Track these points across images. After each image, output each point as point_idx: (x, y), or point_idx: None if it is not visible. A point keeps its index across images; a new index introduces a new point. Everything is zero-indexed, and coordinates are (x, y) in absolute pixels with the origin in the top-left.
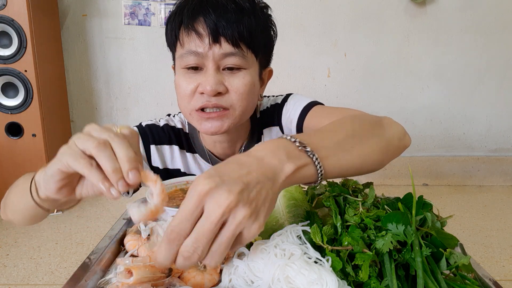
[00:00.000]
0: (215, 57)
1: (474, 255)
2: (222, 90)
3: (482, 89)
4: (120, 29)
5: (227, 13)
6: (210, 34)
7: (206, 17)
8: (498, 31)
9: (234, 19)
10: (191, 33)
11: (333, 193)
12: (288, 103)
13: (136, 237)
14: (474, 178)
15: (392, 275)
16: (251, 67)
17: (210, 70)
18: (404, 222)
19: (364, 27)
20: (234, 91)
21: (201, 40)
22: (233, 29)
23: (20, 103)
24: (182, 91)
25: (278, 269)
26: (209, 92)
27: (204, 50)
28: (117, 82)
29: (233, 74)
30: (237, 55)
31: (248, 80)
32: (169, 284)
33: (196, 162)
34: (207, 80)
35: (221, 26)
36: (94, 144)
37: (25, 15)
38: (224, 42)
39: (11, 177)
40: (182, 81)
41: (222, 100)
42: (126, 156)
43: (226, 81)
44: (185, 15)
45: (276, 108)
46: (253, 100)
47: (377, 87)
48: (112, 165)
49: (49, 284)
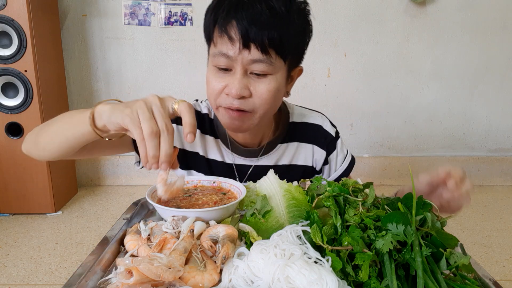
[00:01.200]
0: (243, 62)
1: (474, 255)
2: (246, 95)
3: (482, 89)
4: (120, 29)
5: (260, 18)
6: (241, 39)
7: (239, 22)
8: (498, 31)
9: (266, 25)
10: (224, 36)
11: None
12: (339, 153)
13: (136, 237)
14: (474, 178)
15: (392, 275)
16: (277, 72)
17: (238, 74)
18: (404, 222)
19: (364, 27)
20: (258, 96)
21: (232, 44)
22: (264, 35)
23: (20, 103)
24: (210, 87)
25: (278, 269)
26: (234, 95)
27: (234, 54)
28: (117, 82)
29: (259, 79)
30: (265, 61)
31: (272, 86)
32: (169, 284)
33: (217, 146)
34: (234, 84)
35: (252, 32)
36: (148, 131)
37: (25, 15)
38: (254, 48)
39: (11, 177)
40: (211, 79)
41: (245, 103)
42: (165, 152)
43: (252, 85)
44: (220, 15)
45: (321, 134)
46: (276, 103)
47: (377, 87)
48: (153, 153)
49: (49, 284)
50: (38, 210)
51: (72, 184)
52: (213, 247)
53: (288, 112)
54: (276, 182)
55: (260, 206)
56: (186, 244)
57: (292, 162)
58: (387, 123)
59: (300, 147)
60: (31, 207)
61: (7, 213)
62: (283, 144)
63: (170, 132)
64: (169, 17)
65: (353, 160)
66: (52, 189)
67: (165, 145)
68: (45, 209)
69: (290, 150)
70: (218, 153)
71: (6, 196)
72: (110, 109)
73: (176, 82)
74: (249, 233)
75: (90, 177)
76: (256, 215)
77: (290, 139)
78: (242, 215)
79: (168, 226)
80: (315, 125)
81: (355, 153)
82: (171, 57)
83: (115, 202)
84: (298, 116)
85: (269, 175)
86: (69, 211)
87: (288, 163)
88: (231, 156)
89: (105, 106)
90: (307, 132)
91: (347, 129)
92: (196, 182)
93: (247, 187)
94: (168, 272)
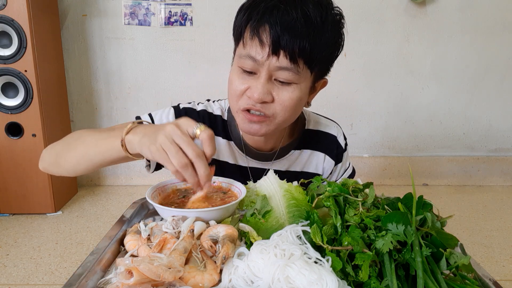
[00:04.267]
0: (270, 68)
1: (474, 255)
2: (268, 100)
3: (482, 89)
4: (120, 29)
5: (294, 26)
6: (271, 45)
7: (272, 27)
8: (498, 31)
9: (299, 34)
10: (254, 38)
11: (333, 193)
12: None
13: (136, 237)
14: (474, 178)
15: (392, 275)
16: (302, 82)
17: (262, 78)
18: (404, 222)
19: (364, 27)
20: (280, 103)
21: (262, 48)
22: (295, 44)
23: (20, 103)
24: (233, 88)
25: (278, 269)
26: (256, 99)
27: (262, 59)
28: (117, 82)
29: (282, 86)
30: (292, 70)
31: (296, 95)
32: (169, 284)
33: (230, 148)
34: (257, 88)
35: (284, 39)
36: (180, 165)
37: (25, 15)
38: (283, 55)
39: (11, 177)
40: (235, 79)
41: (266, 107)
42: (203, 175)
43: (275, 91)
44: (254, 17)
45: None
46: (297, 112)
47: (377, 87)
48: (192, 181)
49: (49, 284)
50: (38, 210)
51: (72, 184)
52: (213, 247)
53: (305, 119)
54: (276, 182)
55: (260, 206)
56: (186, 244)
57: (304, 169)
58: (387, 123)
59: (313, 155)
60: (31, 207)
61: (7, 213)
62: (296, 150)
63: (201, 157)
64: (169, 17)
65: (353, 173)
66: (52, 189)
67: (201, 170)
68: (45, 209)
69: (303, 157)
70: (230, 156)
71: (6, 196)
72: (138, 143)
73: (176, 82)
74: (249, 233)
75: (90, 177)
76: (256, 215)
77: (304, 146)
78: (242, 215)
79: (168, 226)
80: (330, 135)
81: (355, 153)
82: (171, 57)
83: (115, 202)
84: (314, 124)
85: (269, 175)
86: (69, 211)
87: (299, 169)
88: (245, 159)
89: (134, 137)
90: (321, 140)
91: (347, 129)
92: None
93: (247, 187)
94: (168, 272)
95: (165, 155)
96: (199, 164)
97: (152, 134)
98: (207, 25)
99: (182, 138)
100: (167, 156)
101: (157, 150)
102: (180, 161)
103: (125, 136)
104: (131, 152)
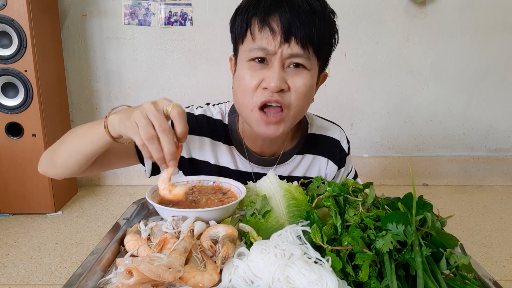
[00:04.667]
0: (283, 56)
1: (474, 255)
2: (285, 88)
3: (482, 89)
4: (120, 29)
5: (302, 14)
6: (283, 32)
7: (282, 15)
8: (498, 31)
9: (307, 21)
10: (265, 29)
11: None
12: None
13: (136, 237)
14: (474, 178)
15: (392, 275)
16: (312, 70)
17: (276, 67)
18: (404, 222)
19: (364, 27)
20: (295, 90)
21: (274, 36)
22: (305, 30)
23: (20, 103)
24: (246, 84)
25: (278, 269)
26: (273, 88)
27: (274, 48)
28: (117, 82)
29: (297, 72)
30: (303, 56)
31: (308, 81)
32: (169, 284)
33: (231, 154)
34: (272, 77)
35: (294, 26)
36: (146, 136)
37: (25, 15)
38: (294, 42)
39: (11, 177)
40: (246, 74)
41: (283, 97)
42: (167, 151)
43: (289, 79)
44: (261, 10)
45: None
46: (308, 103)
47: (377, 87)
48: (157, 156)
49: (49, 284)
50: (38, 210)
51: (72, 184)
52: (213, 247)
53: (307, 122)
54: (276, 182)
55: (260, 206)
56: (186, 244)
57: (306, 174)
58: (387, 123)
59: (316, 160)
60: (31, 207)
61: (7, 213)
62: (299, 155)
63: (167, 132)
64: (169, 17)
65: (355, 176)
66: (52, 189)
67: (166, 145)
68: (45, 209)
69: (305, 162)
70: (231, 161)
71: (6, 196)
72: (117, 121)
73: (176, 82)
74: (249, 233)
75: (90, 177)
76: (256, 215)
77: (306, 150)
78: (242, 215)
79: (168, 226)
80: (334, 139)
81: (355, 153)
82: (171, 57)
83: (115, 202)
84: (317, 128)
85: (269, 175)
86: (69, 211)
87: (302, 174)
88: (248, 165)
89: (114, 117)
90: (324, 145)
91: (347, 129)
92: (196, 182)
93: (247, 187)
94: (168, 272)
95: (136, 128)
96: (164, 139)
97: (130, 112)
98: (207, 25)
99: (153, 113)
100: (138, 129)
101: (130, 124)
102: (146, 132)
103: (108, 118)
104: (113, 134)
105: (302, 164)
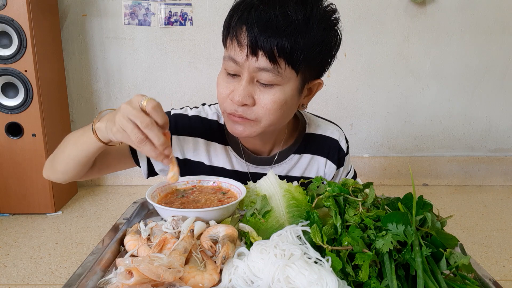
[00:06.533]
0: (250, 69)
1: (474, 255)
2: (249, 103)
3: (482, 89)
4: (120, 29)
5: (272, 25)
6: (249, 46)
7: (249, 28)
8: (498, 31)
9: (277, 33)
10: (234, 40)
11: (333, 193)
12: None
13: (136, 237)
14: (474, 178)
15: (392, 275)
16: (286, 83)
17: (243, 81)
18: (404, 222)
19: (364, 27)
20: (262, 106)
21: (241, 49)
22: (273, 43)
23: (20, 103)
24: (219, 91)
25: (278, 269)
26: (236, 102)
27: (241, 60)
28: (117, 82)
29: (264, 89)
30: (272, 71)
31: (278, 97)
32: (169, 285)
33: (227, 154)
34: (238, 91)
35: (260, 39)
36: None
37: (25, 15)
38: (262, 56)
39: (11, 177)
40: (220, 82)
41: (247, 112)
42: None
43: (257, 94)
44: (233, 19)
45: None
46: (284, 115)
47: (377, 87)
48: (154, 154)
49: (49, 284)
50: (38, 210)
51: (72, 184)
52: (213, 247)
53: (305, 122)
54: (276, 182)
55: (260, 206)
56: (186, 244)
57: (304, 174)
58: (387, 123)
59: (314, 160)
60: (31, 207)
61: (7, 213)
62: (296, 155)
63: (151, 126)
64: (169, 17)
65: (354, 176)
66: (52, 189)
67: (155, 138)
68: (45, 209)
69: (303, 162)
70: (227, 161)
71: (6, 196)
72: (105, 128)
73: (176, 82)
74: (249, 233)
75: None
76: (256, 215)
77: (304, 150)
78: (242, 215)
79: (168, 226)
80: (332, 139)
81: (355, 153)
82: (171, 57)
83: (115, 202)
84: (315, 127)
85: (269, 175)
86: (69, 211)
87: (299, 174)
88: (244, 164)
89: (101, 124)
90: (322, 145)
91: (347, 129)
92: (196, 182)
93: (247, 187)
94: (168, 272)
95: (126, 134)
96: (150, 134)
97: (112, 117)
98: (207, 25)
99: (132, 113)
100: (128, 135)
101: (118, 131)
102: (136, 136)
103: (95, 126)
104: (103, 140)
105: (300, 163)
